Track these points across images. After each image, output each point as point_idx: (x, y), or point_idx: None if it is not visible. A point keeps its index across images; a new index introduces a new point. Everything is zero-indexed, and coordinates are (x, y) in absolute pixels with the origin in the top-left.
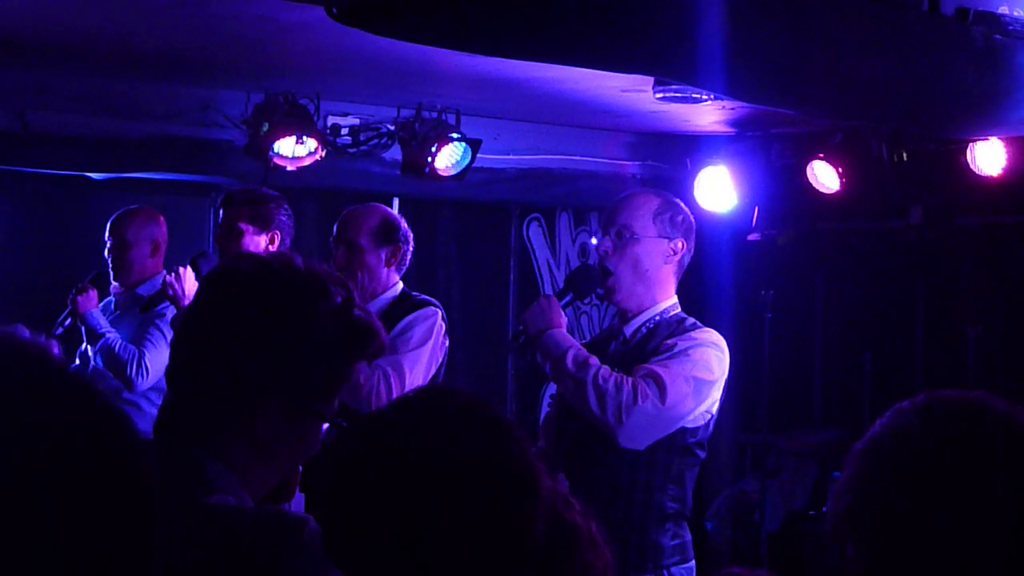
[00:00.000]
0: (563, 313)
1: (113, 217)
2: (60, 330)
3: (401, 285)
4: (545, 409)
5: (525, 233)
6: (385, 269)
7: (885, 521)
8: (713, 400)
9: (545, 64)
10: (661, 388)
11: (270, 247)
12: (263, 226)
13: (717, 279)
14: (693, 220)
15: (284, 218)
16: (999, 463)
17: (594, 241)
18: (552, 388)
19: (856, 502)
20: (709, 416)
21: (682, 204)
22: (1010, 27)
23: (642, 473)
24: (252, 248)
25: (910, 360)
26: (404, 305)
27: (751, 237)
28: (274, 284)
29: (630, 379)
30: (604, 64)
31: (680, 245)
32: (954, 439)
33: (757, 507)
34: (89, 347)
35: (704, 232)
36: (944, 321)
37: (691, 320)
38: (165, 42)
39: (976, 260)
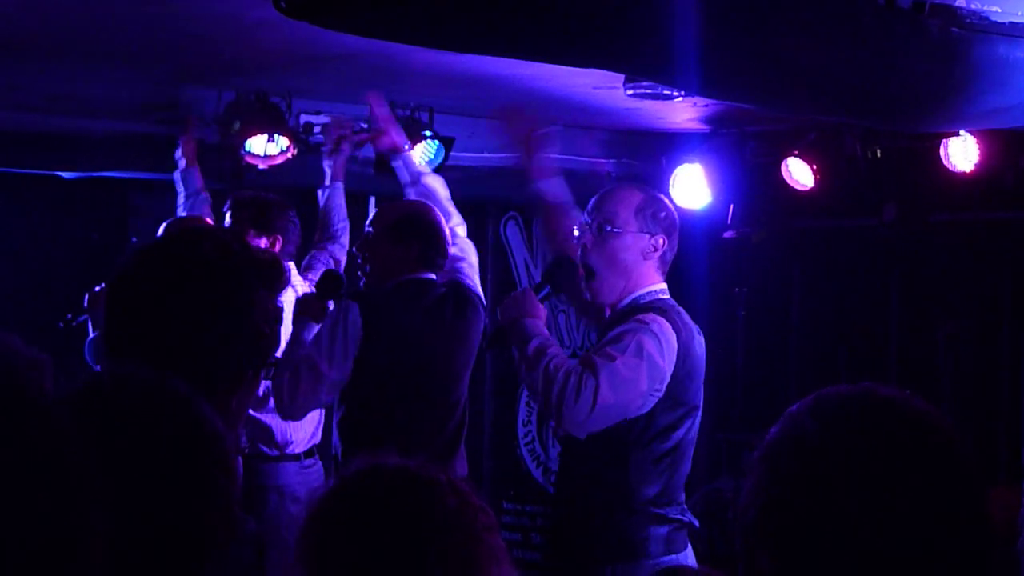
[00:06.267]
0: (539, 305)
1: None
2: (64, 325)
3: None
4: (523, 409)
5: (502, 231)
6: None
7: (795, 526)
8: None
9: (518, 61)
10: (612, 377)
11: (271, 250)
12: (264, 229)
13: (692, 276)
14: (676, 217)
15: (287, 223)
16: (896, 450)
17: (576, 232)
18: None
19: (763, 512)
20: (653, 398)
21: (666, 200)
22: (967, 20)
23: (593, 463)
24: None
25: (885, 356)
26: None
27: (726, 234)
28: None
29: (579, 370)
30: (556, 58)
31: (661, 242)
32: (849, 433)
33: (731, 505)
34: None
35: (679, 229)
36: (918, 317)
37: (658, 302)
38: (135, 40)
39: (949, 256)
